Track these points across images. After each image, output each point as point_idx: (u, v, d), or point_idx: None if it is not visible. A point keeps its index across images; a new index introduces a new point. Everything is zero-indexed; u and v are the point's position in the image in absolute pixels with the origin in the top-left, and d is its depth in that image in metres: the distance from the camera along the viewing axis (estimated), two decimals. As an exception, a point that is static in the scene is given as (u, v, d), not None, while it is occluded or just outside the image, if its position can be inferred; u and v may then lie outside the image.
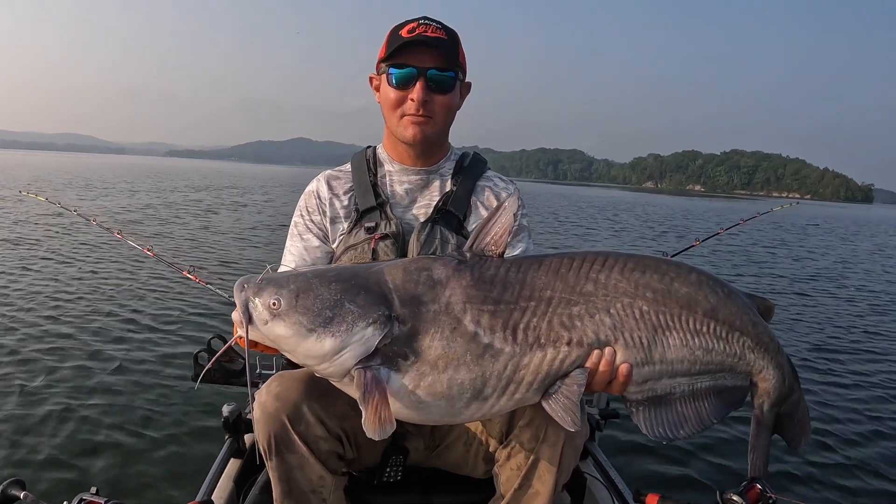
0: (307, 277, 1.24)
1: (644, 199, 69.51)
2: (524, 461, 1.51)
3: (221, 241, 12.36)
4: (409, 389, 1.21)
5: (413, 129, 1.69)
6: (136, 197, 23.37)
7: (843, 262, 15.67)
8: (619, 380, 1.26)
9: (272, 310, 1.19)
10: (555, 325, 1.23)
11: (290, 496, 1.50)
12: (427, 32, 1.62)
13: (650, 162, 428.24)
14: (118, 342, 5.36)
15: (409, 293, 1.23)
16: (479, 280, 1.24)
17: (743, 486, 1.61)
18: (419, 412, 1.25)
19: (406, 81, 1.65)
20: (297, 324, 1.19)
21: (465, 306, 1.22)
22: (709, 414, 1.35)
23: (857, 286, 11.54)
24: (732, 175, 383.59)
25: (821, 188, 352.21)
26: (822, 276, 12.45)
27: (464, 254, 1.30)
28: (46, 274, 8.03)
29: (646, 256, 1.34)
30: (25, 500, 1.57)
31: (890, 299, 10.18)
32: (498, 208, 1.30)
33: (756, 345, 1.37)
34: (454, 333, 1.21)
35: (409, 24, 1.64)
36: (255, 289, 1.21)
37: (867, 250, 19.95)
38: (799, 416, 1.51)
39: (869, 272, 13.95)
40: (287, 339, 1.20)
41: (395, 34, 1.66)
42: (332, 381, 1.29)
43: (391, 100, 1.68)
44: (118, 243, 9.53)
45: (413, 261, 1.32)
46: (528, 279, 1.26)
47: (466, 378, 1.21)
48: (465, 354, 1.20)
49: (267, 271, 1.28)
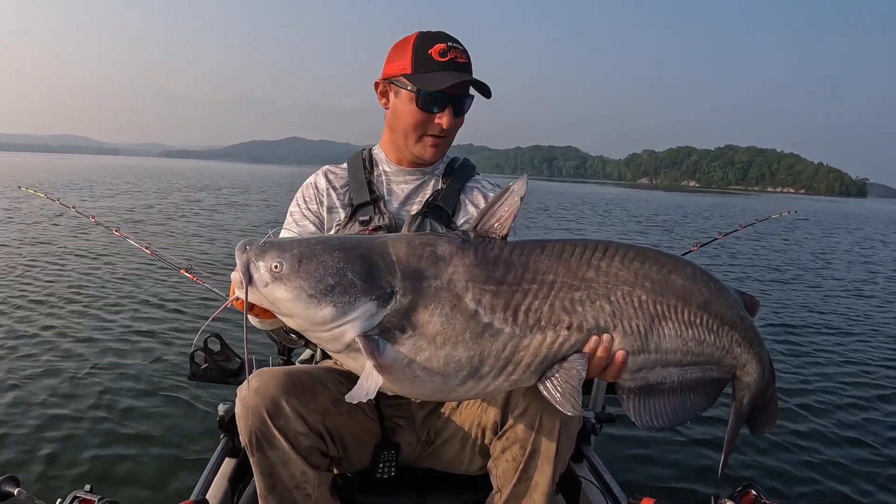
0: (310, 243, 1.24)
1: (637, 195, 69.59)
2: (520, 453, 1.50)
3: (221, 241, 12.32)
4: (405, 363, 1.21)
5: (432, 150, 1.75)
6: (134, 197, 23.34)
7: (821, 254, 15.87)
8: (615, 366, 1.26)
9: (274, 272, 1.18)
10: (556, 309, 1.23)
11: (273, 491, 1.49)
12: (458, 58, 1.64)
13: (645, 158, 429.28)
14: (115, 340, 5.34)
15: (411, 267, 1.22)
16: (483, 260, 1.24)
17: (737, 491, 1.63)
18: (413, 385, 1.25)
19: (437, 105, 1.67)
20: (298, 288, 1.18)
21: (467, 284, 1.21)
22: (694, 405, 1.37)
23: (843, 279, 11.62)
24: (727, 170, 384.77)
25: (815, 183, 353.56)
26: (804, 271, 12.56)
27: (468, 234, 1.30)
28: (43, 271, 8.01)
29: (645, 247, 1.35)
30: (19, 496, 1.55)
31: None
32: (506, 191, 1.29)
33: (743, 339, 1.39)
34: (454, 311, 1.20)
35: (438, 44, 1.64)
36: (257, 251, 1.20)
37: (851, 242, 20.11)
38: (770, 408, 1.54)
39: (851, 264, 14.12)
40: (286, 303, 1.19)
41: (422, 52, 1.64)
42: (327, 349, 1.29)
43: (413, 120, 1.70)
44: (116, 242, 9.54)
45: (417, 235, 1.32)
46: (532, 262, 1.25)
47: (464, 356, 1.21)
48: (464, 332, 1.20)
49: (269, 236, 1.27)
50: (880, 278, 12.17)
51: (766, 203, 66.84)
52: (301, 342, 2.35)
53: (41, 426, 3.67)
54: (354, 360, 1.24)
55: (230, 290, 1.29)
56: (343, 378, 1.66)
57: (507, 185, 1.31)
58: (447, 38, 1.66)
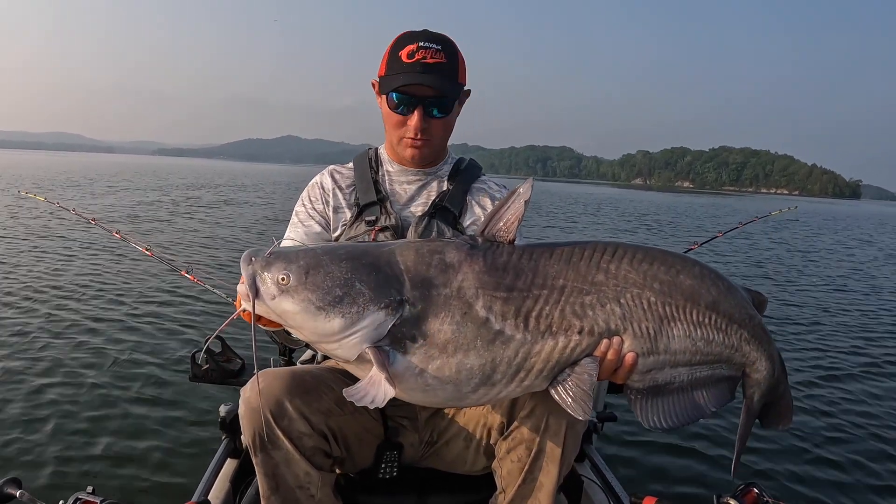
0: (317, 253, 1.22)
1: (631, 195, 69.64)
2: (525, 453, 1.50)
3: (220, 240, 12.28)
4: (417, 372, 1.20)
5: (411, 151, 1.73)
6: (134, 195, 23.27)
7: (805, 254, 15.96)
8: (625, 368, 1.26)
9: (281, 285, 1.17)
10: (567, 314, 1.23)
11: (277, 492, 1.49)
12: (427, 59, 1.59)
13: (639, 159, 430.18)
14: (116, 341, 5.32)
15: (420, 275, 1.21)
16: (492, 266, 1.23)
17: (739, 489, 1.64)
18: (425, 394, 1.24)
19: (403, 107, 1.66)
20: (305, 301, 1.16)
21: (477, 292, 1.21)
22: (704, 404, 1.37)
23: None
24: (721, 172, 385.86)
25: (809, 184, 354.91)
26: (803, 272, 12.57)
27: (475, 238, 1.29)
28: (44, 273, 7.96)
29: (653, 248, 1.35)
30: (21, 498, 1.55)
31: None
32: (512, 194, 1.28)
33: (752, 337, 1.39)
34: (465, 318, 1.19)
35: (409, 45, 1.61)
36: (263, 262, 1.19)
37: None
38: (783, 404, 1.54)
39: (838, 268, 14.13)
40: (294, 316, 1.18)
41: (394, 54, 1.63)
42: (337, 361, 1.28)
43: (390, 122, 1.71)
44: (117, 243, 9.47)
45: (425, 242, 1.30)
46: (541, 267, 1.25)
47: (476, 363, 1.20)
48: (475, 340, 1.19)
49: (274, 245, 1.25)
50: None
51: (760, 204, 66.99)
52: (302, 343, 2.34)
53: (43, 428, 3.65)
54: (364, 370, 1.23)
55: (236, 300, 1.27)
56: (346, 378, 1.65)
57: (514, 187, 1.30)
58: (423, 37, 1.62)
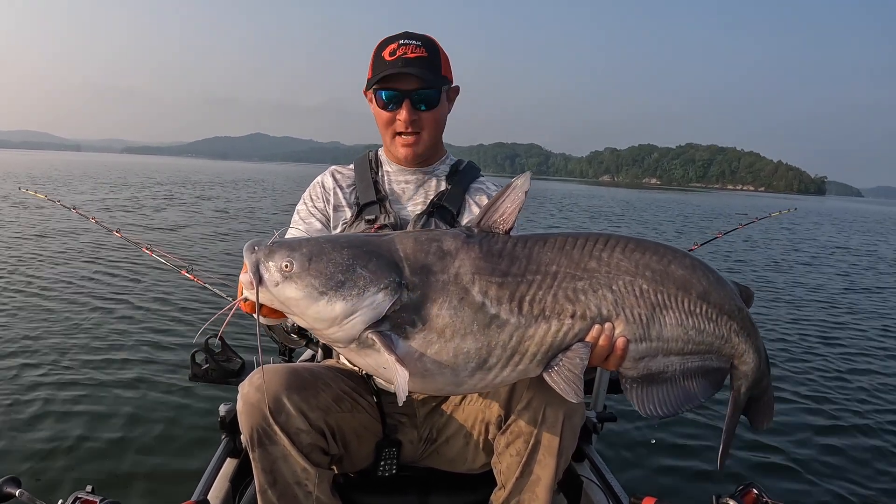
0: (319, 242, 1.25)
1: (598, 192, 69.77)
2: (524, 446, 1.51)
3: (220, 241, 12.10)
4: (417, 356, 1.22)
5: (405, 150, 1.78)
6: (123, 192, 22.88)
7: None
8: (617, 353, 1.28)
9: (284, 272, 1.19)
10: (559, 299, 1.25)
11: (274, 486, 1.49)
12: (408, 54, 1.67)
13: (607, 156, 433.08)
14: (115, 341, 5.26)
15: (419, 262, 1.24)
16: (488, 253, 1.26)
17: (739, 490, 1.65)
18: (423, 380, 1.26)
19: (392, 103, 1.72)
20: (308, 286, 1.19)
21: (473, 277, 1.23)
22: (696, 393, 1.39)
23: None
24: (688, 168, 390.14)
25: (774, 181, 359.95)
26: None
27: (472, 229, 1.32)
28: (43, 272, 7.83)
29: (645, 239, 1.38)
30: (21, 497, 1.54)
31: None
32: (509, 186, 1.31)
33: (741, 329, 1.42)
34: (462, 303, 1.22)
35: (390, 44, 1.69)
36: (266, 251, 1.21)
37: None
38: (766, 399, 1.57)
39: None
40: (297, 302, 1.20)
41: (378, 56, 1.71)
42: (338, 348, 1.29)
43: (381, 120, 1.78)
44: (116, 242, 9.38)
45: (423, 232, 1.33)
46: (535, 254, 1.28)
47: (472, 347, 1.23)
48: (472, 324, 1.22)
49: (275, 236, 1.27)
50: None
51: (727, 199, 67.55)
52: (302, 342, 2.35)
53: (42, 427, 3.61)
54: (365, 356, 1.25)
55: (237, 291, 1.28)
56: (345, 376, 1.67)
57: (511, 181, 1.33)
58: (403, 36, 1.71)
